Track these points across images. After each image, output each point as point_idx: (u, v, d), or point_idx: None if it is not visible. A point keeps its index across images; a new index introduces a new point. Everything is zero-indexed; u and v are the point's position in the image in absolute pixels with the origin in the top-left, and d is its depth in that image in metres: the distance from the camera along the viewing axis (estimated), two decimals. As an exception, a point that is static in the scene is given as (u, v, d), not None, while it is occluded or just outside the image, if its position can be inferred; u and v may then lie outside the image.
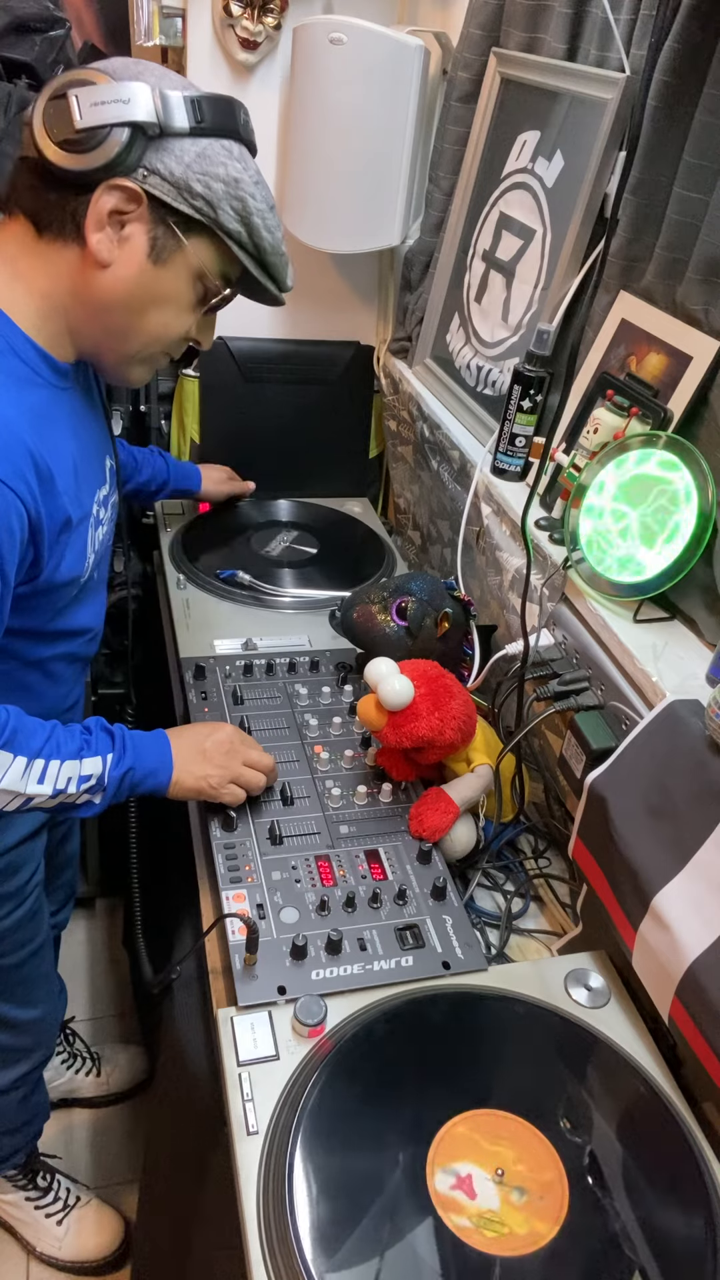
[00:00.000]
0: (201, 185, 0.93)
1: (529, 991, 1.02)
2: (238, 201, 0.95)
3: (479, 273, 1.57)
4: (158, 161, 0.92)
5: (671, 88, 1.07)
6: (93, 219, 0.92)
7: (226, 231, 0.97)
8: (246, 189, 0.95)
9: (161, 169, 0.92)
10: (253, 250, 0.99)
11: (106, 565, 1.22)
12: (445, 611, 1.34)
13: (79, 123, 0.88)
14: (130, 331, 1.00)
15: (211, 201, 0.94)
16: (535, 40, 1.38)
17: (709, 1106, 0.95)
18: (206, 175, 0.93)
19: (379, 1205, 0.82)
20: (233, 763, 1.14)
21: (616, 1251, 0.81)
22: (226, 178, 0.94)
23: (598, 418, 1.17)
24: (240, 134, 0.97)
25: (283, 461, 2.00)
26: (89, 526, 1.08)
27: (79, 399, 1.08)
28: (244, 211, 0.96)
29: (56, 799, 1.01)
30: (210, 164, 0.93)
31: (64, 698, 1.21)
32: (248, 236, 0.98)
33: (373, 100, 1.55)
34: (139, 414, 1.93)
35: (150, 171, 0.92)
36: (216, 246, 0.98)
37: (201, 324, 1.06)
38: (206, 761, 1.12)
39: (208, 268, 0.99)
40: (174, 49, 1.69)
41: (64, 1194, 1.64)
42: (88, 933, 2.18)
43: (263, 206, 0.97)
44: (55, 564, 1.01)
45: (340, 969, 1.01)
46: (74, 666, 1.20)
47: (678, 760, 0.92)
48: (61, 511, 0.98)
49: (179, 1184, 1.14)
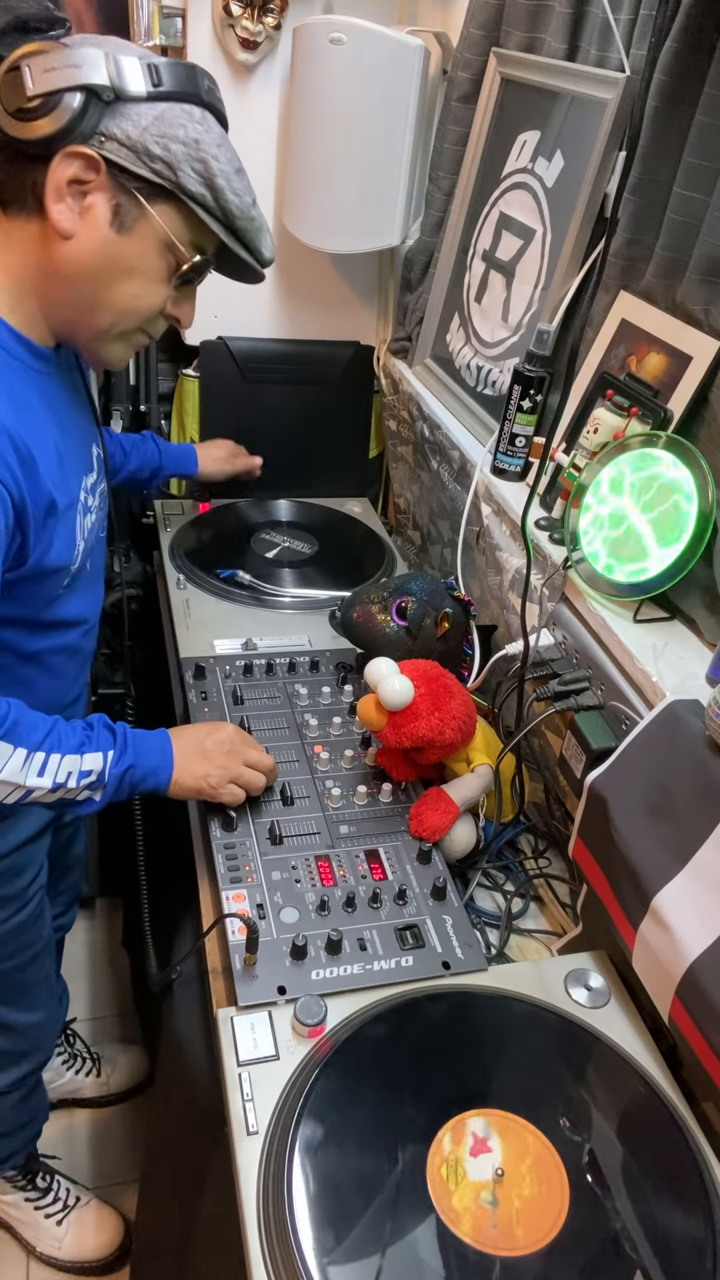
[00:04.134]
0: (160, 147, 0.91)
1: (529, 991, 1.02)
2: (199, 163, 0.92)
3: (479, 273, 1.57)
4: (114, 126, 0.90)
5: (671, 88, 1.07)
6: (52, 189, 0.90)
7: (190, 195, 0.94)
8: (208, 150, 0.92)
9: (119, 133, 0.90)
10: (220, 214, 0.96)
11: (101, 556, 1.21)
12: (445, 611, 1.34)
13: (31, 90, 0.87)
14: (100, 305, 0.98)
15: (171, 164, 0.91)
16: (535, 40, 1.38)
17: (709, 1106, 0.95)
18: (165, 137, 0.91)
19: (379, 1205, 0.82)
20: (233, 763, 1.14)
21: (616, 1251, 0.81)
22: (186, 139, 0.91)
23: (598, 418, 1.17)
24: (202, 98, 0.94)
25: (283, 461, 1.99)
26: (77, 513, 1.07)
27: (60, 384, 1.06)
28: (207, 173, 0.93)
29: (56, 793, 1.00)
30: (169, 126, 0.91)
31: (64, 693, 1.21)
32: (213, 199, 0.95)
33: (373, 100, 1.55)
34: (139, 413, 1.93)
35: (107, 137, 0.90)
36: (183, 212, 0.95)
37: (179, 299, 1.03)
38: (207, 761, 1.12)
39: (176, 235, 0.96)
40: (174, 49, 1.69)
41: (64, 1194, 1.64)
42: (88, 933, 2.17)
43: (227, 169, 0.94)
44: (43, 550, 1.00)
45: (340, 969, 1.01)
46: (73, 661, 1.19)
47: (678, 760, 0.92)
48: (45, 495, 0.97)
49: (179, 1184, 1.14)
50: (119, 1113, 1.85)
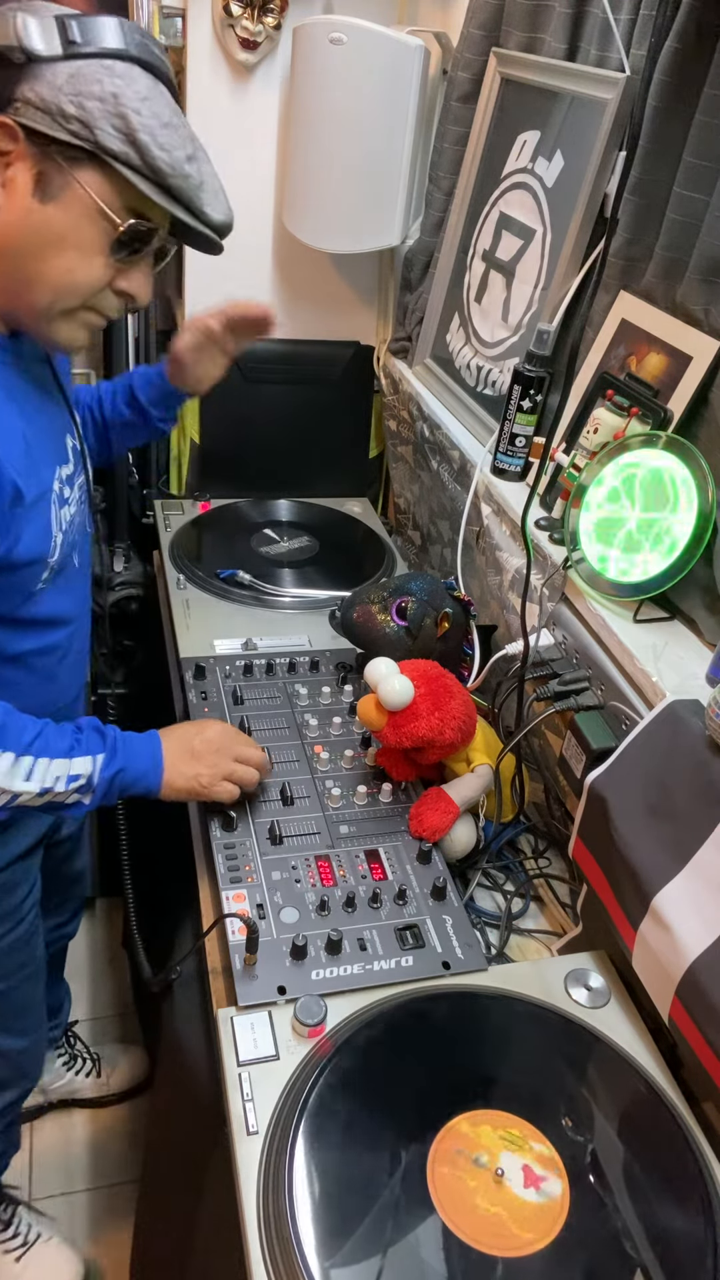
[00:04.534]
0: (74, 106, 0.85)
1: (529, 991, 1.02)
2: (118, 119, 0.86)
3: (479, 273, 1.57)
4: (29, 90, 0.85)
5: (671, 88, 1.07)
6: None
7: (112, 154, 0.87)
8: (129, 103, 0.86)
9: (33, 97, 0.85)
10: (148, 172, 0.89)
11: (86, 552, 1.17)
12: (445, 611, 1.34)
13: None
14: (34, 280, 0.92)
15: (87, 122, 0.85)
16: (535, 40, 1.38)
17: (709, 1106, 0.95)
18: (80, 94, 0.85)
19: (379, 1205, 0.82)
20: (223, 760, 1.12)
21: (617, 1251, 0.81)
22: (102, 94, 0.85)
23: (598, 418, 1.17)
24: (130, 53, 0.88)
25: (283, 461, 2.00)
26: (50, 504, 1.03)
27: (21, 374, 1.02)
28: (127, 129, 0.86)
29: (44, 797, 0.99)
30: (84, 82, 0.85)
31: (56, 698, 1.17)
32: (138, 157, 0.88)
33: (373, 100, 1.55)
34: (139, 414, 1.93)
35: (23, 102, 0.85)
36: (111, 175, 0.89)
37: (125, 270, 0.96)
38: (197, 760, 1.10)
39: (106, 201, 0.90)
40: (174, 49, 1.69)
41: (24, 1229, 1.56)
42: (88, 933, 2.17)
43: (151, 122, 0.87)
44: (11, 542, 0.97)
45: (340, 969, 1.01)
46: (63, 664, 1.16)
47: (678, 760, 0.92)
48: (8, 482, 0.94)
49: (179, 1184, 1.14)
50: (119, 1113, 1.85)
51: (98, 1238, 1.67)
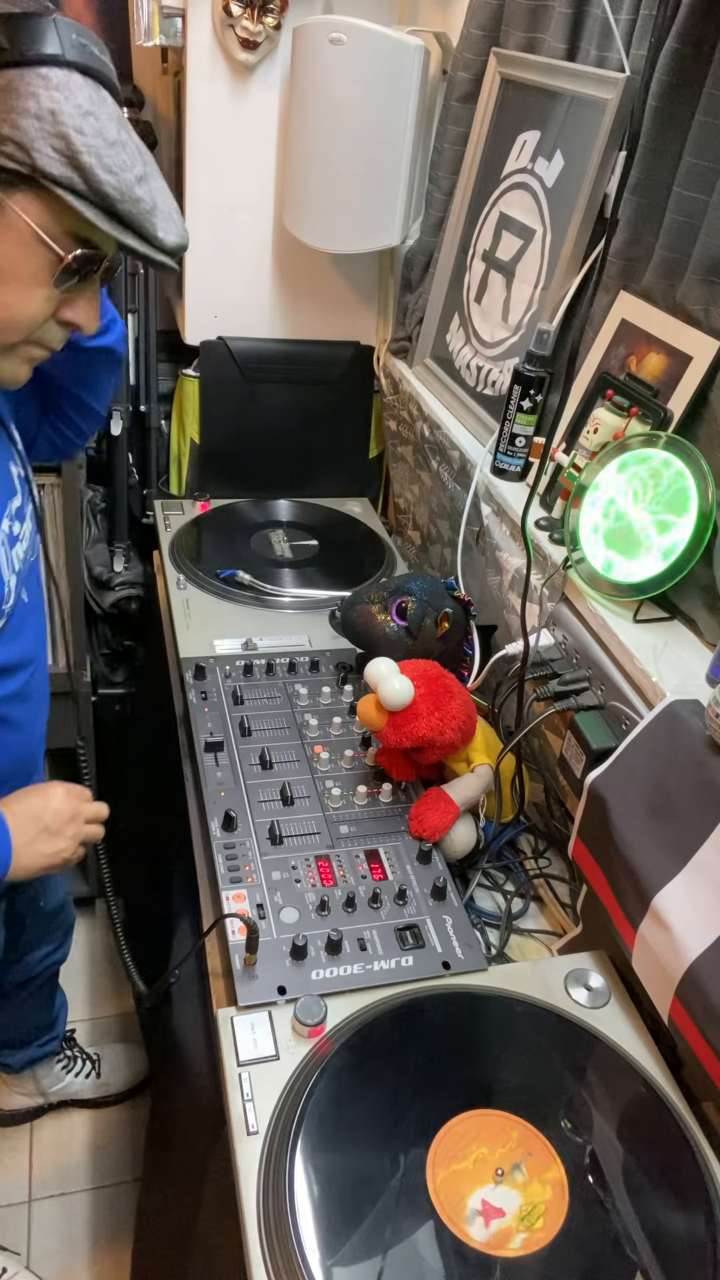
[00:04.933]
0: (8, 125, 0.75)
1: (529, 991, 1.02)
2: (58, 139, 0.76)
3: (479, 273, 1.57)
4: None
5: (671, 88, 1.07)
6: None
7: (53, 179, 0.77)
8: (69, 121, 0.76)
9: None
10: (94, 198, 0.79)
11: (38, 584, 1.10)
12: (445, 611, 1.34)
13: None
14: None
15: (23, 144, 0.75)
16: (535, 40, 1.38)
17: (709, 1106, 0.95)
18: (13, 111, 0.74)
19: (379, 1205, 0.82)
20: (77, 826, 1.05)
21: (617, 1251, 0.81)
22: (39, 110, 0.75)
23: (598, 418, 1.17)
24: (64, 58, 0.76)
25: (283, 461, 2.00)
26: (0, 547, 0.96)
27: None
28: (69, 150, 0.76)
29: None
30: (18, 97, 0.74)
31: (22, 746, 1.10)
32: (81, 181, 0.78)
33: (373, 100, 1.55)
34: (139, 414, 1.93)
35: None
36: (51, 200, 0.79)
37: (72, 301, 0.87)
38: (56, 836, 1.02)
39: (46, 228, 0.80)
40: (174, 49, 1.69)
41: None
42: (88, 933, 2.17)
43: (95, 142, 0.77)
44: None
45: (340, 969, 1.01)
46: (28, 707, 1.09)
47: (678, 760, 0.92)
48: None
49: (179, 1184, 1.14)
50: (119, 1113, 1.85)
51: (97, 1238, 1.67)
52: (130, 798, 1.86)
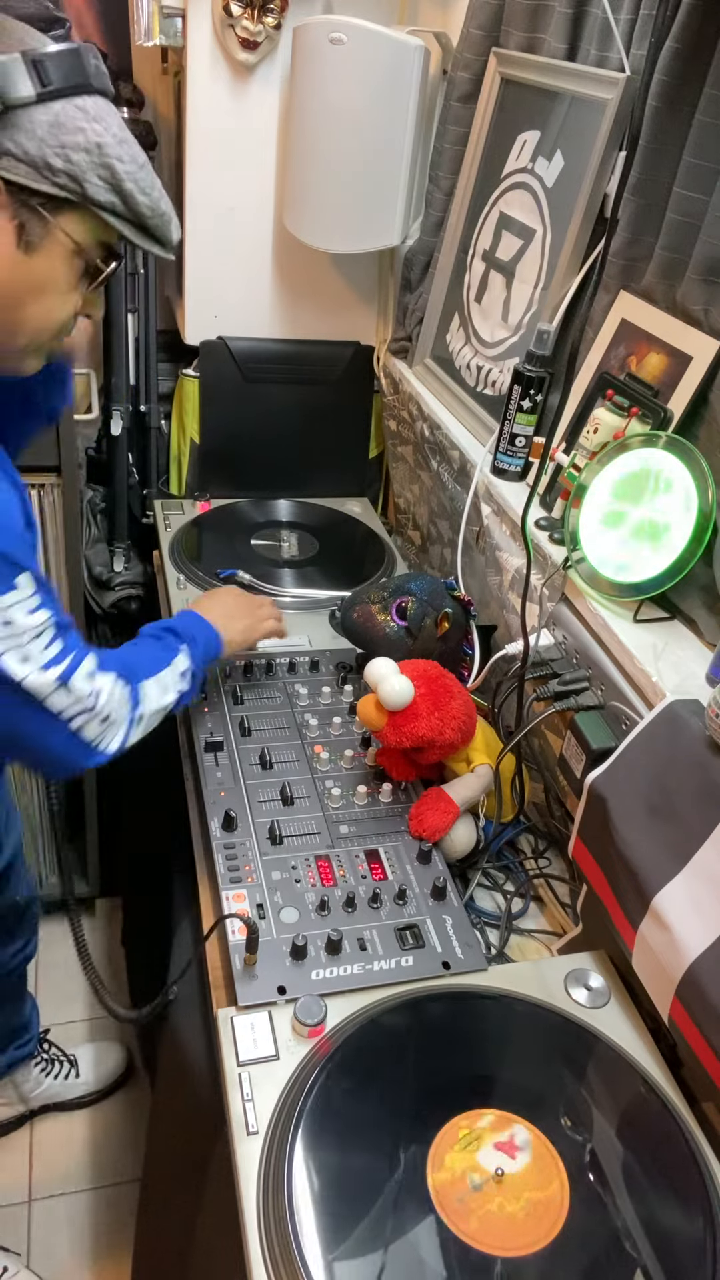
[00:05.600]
0: (61, 160, 0.84)
1: (529, 991, 1.02)
2: (104, 170, 0.86)
3: (479, 273, 1.57)
4: (8, 141, 0.82)
5: (671, 88, 1.07)
6: None
7: (99, 204, 0.88)
8: (112, 152, 0.86)
9: (14, 149, 0.83)
10: (131, 217, 0.91)
11: None
12: (445, 611, 1.34)
13: None
14: (16, 327, 0.92)
15: (76, 176, 0.85)
16: (535, 40, 1.38)
17: (709, 1106, 0.95)
18: (65, 147, 0.84)
19: (379, 1205, 0.82)
20: (255, 609, 1.35)
21: (617, 1251, 0.81)
22: (88, 145, 0.84)
23: (598, 418, 1.17)
24: (93, 84, 0.86)
25: (283, 461, 2.00)
26: None
27: None
28: (114, 179, 0.87)
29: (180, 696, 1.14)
30: (66, 133, 0.84)
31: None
32: (123, 205, 0.89)
33: (373, 100, 1.55)
34: (139, 414, 1.93)
35: (2, 153, 0.83)
36: (90, 219, 0.89)
37: (90, 297, 0.98)
38: (245, 615, 1.32)
39: (84, 242, 0.91)
40: (174, 49, 1.69)
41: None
42: (88, 933, 2.17)
43: (132, 168, 0.88)
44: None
45: (340, 969, 1.01)
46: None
47: (678, 760, 0.92)
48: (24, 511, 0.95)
49: (179, 1184, 1.14)
50: (118, 1112, 1.85)
51: (98, 1238, 1.67)
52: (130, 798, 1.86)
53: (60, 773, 1.01)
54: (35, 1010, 1.74)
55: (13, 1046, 1.69)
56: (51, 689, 0.94)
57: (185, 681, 1.15)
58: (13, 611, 0.89)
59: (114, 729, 1.02)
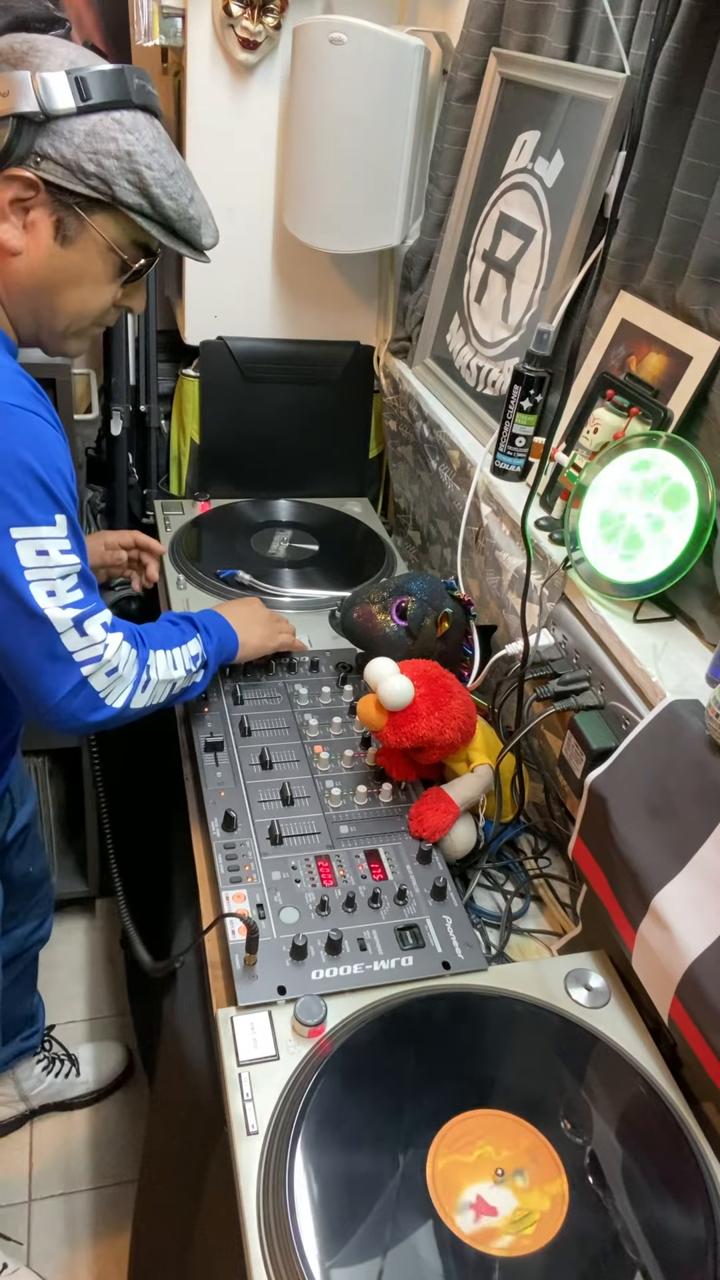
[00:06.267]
0: (93, 164, 0.94)
1: (529, 991, 1.02)
2: (133, 175, 0.96)
3: (479, 273, 1.57)
4: (48, 146, 0.93)
5: (671, 88, 1.07)
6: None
7: (127, 206, 0.97)
8: (141, 160, 0.96)
9: (53, 153, 0.93)
10: (159, 219, 1.00)
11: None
12: (445, 611, 1.34)
13: None
14: (55, 311, 1.03)
15: (106, 179, 0.95)
16: (535, 40, 1.38)
17: (709, 1106, 0.95)
18: (97, 153, 0.94)
19: (379, 1205, 0.82)
20: (274, 622, 1.40)
21: (617, 1251, 0.81)
22: (118, 152, 0.94)
23: (598, 418, 1.17)
24: (133, 101, 0.96)
25: (283, 461, 2.00)
26: None
27: None
28: (141, 184, 0.96)
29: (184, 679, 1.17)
30: (100, 141, 0.94)
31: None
32: (150, 208, 0.99)
33: (373, 100, 1.55)
34: (139, 414, 1.93)
35: (42, 157, 0.93)
36: (122, 219, 0.99)
37: (129, 291, 1.08)
38: (264, 625, 1.37)
39: (117, 241, 1.00)
40: (174, 49, 1.69)
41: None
42: (87, 933, 2.17)
43: (160, 175, 0.97)
44: None
45: (340, 969, 1.01)
46: None
47: (678, 760, 0.92)
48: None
49: (179, 1184, 1.14)
50: (118, 1112, 1.85)
51: (98, 1238, 1.67)
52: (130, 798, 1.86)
53: (66, 721, 1.03)
54: (42, 1005, 1.75)
55: (19, 1038, 1.70)
56: (67, 627, 0.99)
57: (196, 666, 1.19)
58: (49, 544, 0.95)
59: (121, 685, 1.06)
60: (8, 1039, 1.67)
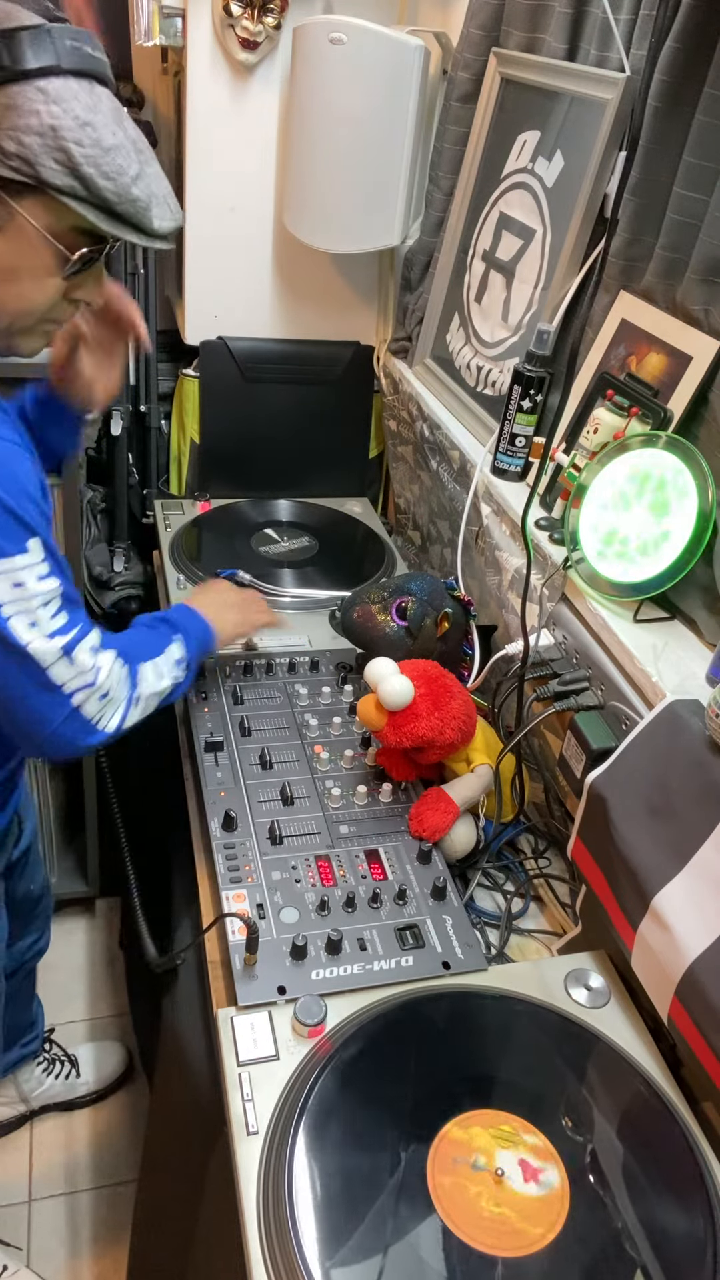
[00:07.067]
0: (13, 142, 0.81)
1: (529, 991, 1.02)
2: (59, 153, 0.83)
3: (479, 273, 1.57)
4: None
5: (671, 88, 1.07)
6: None
7: (56, 189, 0.84)
8: (68, 135, 0.82)
9: None
10: (96, 202, 0.86)
11: None
12: (445, 611, 1.34)
13: None
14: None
15: (28, 159, 0.82)
16: (535, 40, 1.38)
17: (709, 1106, 0.95)
18: (16, 130, 0.81)
19: (379, 1205, 0.82)
20: (248, 602, 1.36)
21: (617, 1251, 0.81)
22: (41, 128, 0.81)
23: (598, 418, 1.17)
24: (60, 66, 0.82)
25: (283, 461, 2.00)
26: None
27: None
28: (70, 163, 0.83)
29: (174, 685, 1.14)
30: (20, 115, 0.81)
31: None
32: (84, 189, 0.85)
33: (373, 100, 1.55)
34: (139, 414, 1.93)
35: None
36: (55, 205, 0.86)
37: (79, 282, 0.94)
38: (234, 609, 1.32)
39: (52, 229, 0.87)
40: (174, 49, 1.69)
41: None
42: (87, 933, 2.17)
43: (93, 151, 0.84)
44: None
45: (340, 969, 1.01)
46: None
47: (678, 760, 0.92)
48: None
49: (179, 1184, 1.14)
50: (119, 1112, 1.85)
51: (97, 1238, 1.67)
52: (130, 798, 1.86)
53: (60, 750, 1.00)
54: (41, 1009, 1.75)
55: (19, 1044, 1.70)
56: (55, 658, 0.94)
57: (180, 669, 1.15)
58: (24, 574, 0.90)
59: (113, 707, 1.03)
60: (8, 1046, 1.67)
